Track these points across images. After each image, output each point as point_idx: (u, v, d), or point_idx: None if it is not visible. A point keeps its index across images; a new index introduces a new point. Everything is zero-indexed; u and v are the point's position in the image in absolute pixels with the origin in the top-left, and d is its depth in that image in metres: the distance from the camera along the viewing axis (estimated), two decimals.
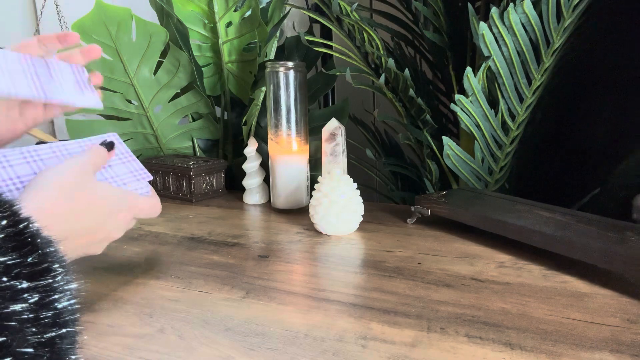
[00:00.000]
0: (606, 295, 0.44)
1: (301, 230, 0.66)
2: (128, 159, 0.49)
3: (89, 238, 0.40)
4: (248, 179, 0.81)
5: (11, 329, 0.22)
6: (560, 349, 0.35)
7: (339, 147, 0.63)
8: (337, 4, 0.73)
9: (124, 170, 0.48)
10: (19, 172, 0.40)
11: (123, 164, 0.48)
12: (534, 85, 0.68)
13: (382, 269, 0.51)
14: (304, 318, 0.41)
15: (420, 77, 0.87)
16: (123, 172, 0.48)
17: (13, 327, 0.23)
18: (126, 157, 0.49)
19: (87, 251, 0.40)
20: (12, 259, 0.25)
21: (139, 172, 0.49)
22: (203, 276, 0.51)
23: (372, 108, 1.17)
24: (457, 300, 0.43)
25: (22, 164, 0.41)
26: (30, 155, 0.42)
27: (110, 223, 0.41)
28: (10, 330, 0.22)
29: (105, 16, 0.80)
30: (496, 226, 0.56)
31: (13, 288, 0.24)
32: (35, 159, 0.42)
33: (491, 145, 0.73)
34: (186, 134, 0.96)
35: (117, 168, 0.48)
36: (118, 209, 0.42)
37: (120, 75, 0.86)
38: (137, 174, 0.49)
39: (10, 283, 0.24)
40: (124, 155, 0.49)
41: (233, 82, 0.93)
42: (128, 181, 0.47)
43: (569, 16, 0.62)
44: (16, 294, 0.24)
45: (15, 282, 0.24)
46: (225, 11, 0.85)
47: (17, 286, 0.24)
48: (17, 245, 0.26)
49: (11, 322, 0.23)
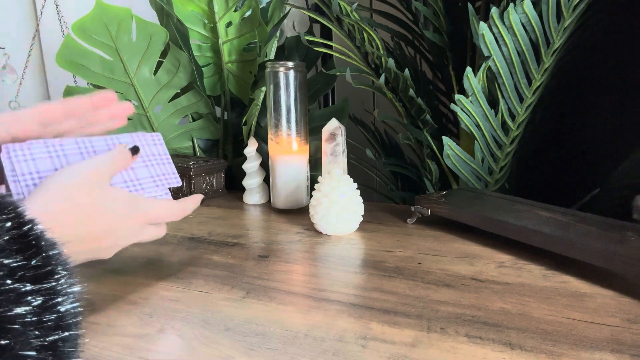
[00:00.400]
0: (606, 295, 0.44)
1: (301, 230, 0.66)
2: (152, 163, 0.48)
3: (95, 243, 0.39)
4: (248, 179, 0.81)
5: (14, 332, 0.22)
6: (560, 349, 0.35)
7: (339, 147, 0.63)
8: (337, 4, 0.73)
9: (145, 174, 0.47)
10: (40, 167, 0.40)
11: (146, 167, 0.47)
12: (534, 85, 0.68)
13: (382, 269, 0.51)
14: (304, 318, 0.41)
15: (420, 77, 0.86)
16: (144, 176, 0.47)
17: (16, 330, 0.23)
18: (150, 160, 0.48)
19: (94, 256, 0.40)
20: (17, 262, 0.25)
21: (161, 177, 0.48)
22: (203, 276, 0.51)
23: (372, 108, 1.17)
24: (457, 300, 0.43)
25: (44, 158, 0.40)
26: (55, 150, 0.41)
27: (120, 229, 0.40)
28: (13, 333, 0.22)
29: (105, 16, 0.80)
30: (496, 226, 0.56)
31: (17, 291, 0.24)
32: (59, 154, 0.42)
33: (491, 145, 0.73)
34: (186, 134, 0.96)
35: (140, 171, 0.46)
36: (128, 216, 0.41)
37: (120, 75, 0.86)
38: (157, 179, 0.48)
39: (14, 286, 0.24)
40: (148, 159, 0.48)
41: (233, 82, 0.93)
42: (147, 186, 0.46)
43: (569, 16, 0.62)
44: (20, 296, 0.24)
45: (19, 284, 0.24)
46: (225, 11, 0.85)
47: (20, 289, 0.24)
48: (21, 247, 0.25)
49: (14, 325, 0.23)
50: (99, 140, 0.45)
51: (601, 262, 0.46)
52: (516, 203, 0.61)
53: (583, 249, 0.47)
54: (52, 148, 0.42)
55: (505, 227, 0.55)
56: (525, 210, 0.58)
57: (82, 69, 0.84)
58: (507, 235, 0.55)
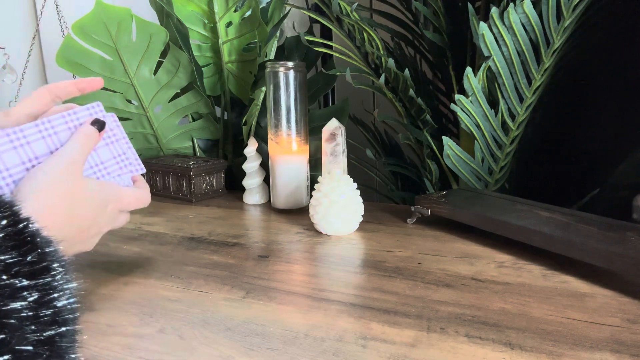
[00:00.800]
0: (606, 295, 0.44)
1: (301, 230, 0.66)
2: (112, 140, 0.47)
3: (83, 235, 0.40)
4: (248, 179, 0.81)
5: (10, 327, 0.23)
6: (560, 349, 0.35)
7: (339, 147, 0.63)
8: (337, 4, 0.73)
9: (107, 155, 0.46)
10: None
11: (107, 146, 0.46)
12: (534, 85, 0.68)
13: (382, 269, 0.51)
14: (304, 318, 0.41)
15: (420, 77, 0.87)
16: (107, 157, 0.46)
17: (12, 324, 0.23)
18: (110, 137, 0.47)
19: (80, 249, 0.41)
20: (12, 258, 0.25)
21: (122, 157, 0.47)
22: (203, 276, 0.51)
23: (372, 108, 1.17)
24: (457, 300, 0.43)
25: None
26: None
27: (101, 217, 0.42)
28: (9, 327, 0.22)
29: (105, 16, 0.80)
30: (496, 226, 0.56)
31: (12, 286, 0.24)
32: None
33: (491, 145, 0.73)
34: (186, 134, 0.96)
35: (102, 152, 0.46)
36: (106, 202, 0.42)
37: (120, 75, 0.86)
38: (119, 159, 0.47)
39: (10, 281, 0.24)
40: (107, 135, 0.47)
41: (233, 82, 0.93)
42: (111, 170, 0.46)
43: (569, 16, 0.62)
44: (16, 291, 0.24)
45: (15, 280, 0.24)
46: (225, 11, 0.85)
47: (16, 284, 0.24)
48: (16, 244, 0.26)
49: (10, 320, 0.23)
50: (57, 119, 0.43)
51: (601, 262, 0.46)
52: (516, 203, 0.61)
53: (583, 249, 0.47)
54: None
55: (505, 227, 0.55)
56: (525, 210, 0.58)
57: (82, 69, 0.84)
58: (507, 235, 0.55)
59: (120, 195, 0.44)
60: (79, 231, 0.39)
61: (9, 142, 0.39)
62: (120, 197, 0.44)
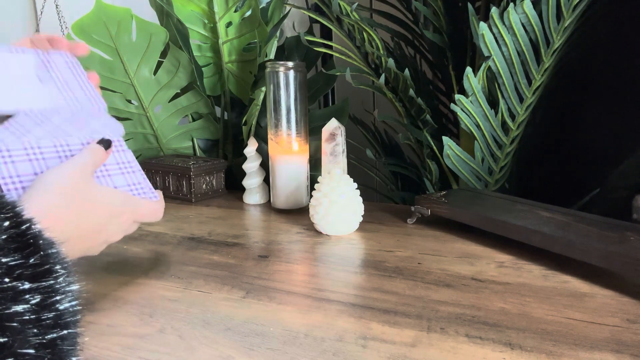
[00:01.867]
0: (606, 295, 0.44)
1: (301, 230, 0.66)
2: (128, 170, 0.48)
3: (90, 241, 0.40)
4: (248, 179, 0.81)
5: (12, 330, 0.22)
6: (560, 349, 0.35)
7: (339, 147, 0.63)
8: (337, 4, 0.73)
9: (122, 182, 0.47)
10: (20, 170, 0.40)
11: (122, 175, 0.47)
12: (534, 85, 0.68)
13: (382, 269, 0.51)
14: (304, 318, 0.41)
15: (420, 77, 0.87)
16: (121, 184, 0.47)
17: (14, 327, 0.23)
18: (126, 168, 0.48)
19: (86, 252, 0.41)
20: (14, 260, 0.25)
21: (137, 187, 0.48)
22: (203, 276, 0.51)
23: (372, 108, 1.17)
24: (457, 300, 0.43)
25: (24, 161, 0.41)
26: (34, 153, 0.42)
27: (112, 226, 0.42)
28: (11, 331, 0.22)
29: (105, 16, 0.80)
30: (496, 226, 0.56)
31: (15, 289, 0.24)
32: (38, 158, 0.42)
33: (491, 145, 0.73)
34: (186, 134, 0.96)
35: (117, 179, 0.47)
36: (120, 212, 0.42)
37: (120, 75, 0.86)
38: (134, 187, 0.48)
39: (12, 284, 0.24)
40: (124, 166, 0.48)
41: (233, 82, 0.93)
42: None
43: (569, 16, 0.62)
44: (18, 294, 0.24)
45: (17, 283, 0.24)
46: (225, 11, 0.85)
47: (18, 287, 0.24)
48: (19, 246, 0.26)
49: (13, 323, 0.23)
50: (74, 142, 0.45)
51: (601, 262, 0.46)
52: (516, 203, 0.61)
53: (583, 249, 0.47)
54: (30, 150, 0.42)
55: (505, 227, 0.55)
56: (525, 210, 0.58)
57: None
58: (507, 235, 0.55)
59: (137, 206, 0.45)
60: (86, 234, 0.39)
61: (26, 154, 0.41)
62: (136, 209, 0.44)
